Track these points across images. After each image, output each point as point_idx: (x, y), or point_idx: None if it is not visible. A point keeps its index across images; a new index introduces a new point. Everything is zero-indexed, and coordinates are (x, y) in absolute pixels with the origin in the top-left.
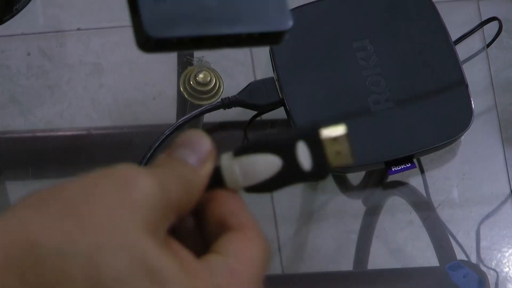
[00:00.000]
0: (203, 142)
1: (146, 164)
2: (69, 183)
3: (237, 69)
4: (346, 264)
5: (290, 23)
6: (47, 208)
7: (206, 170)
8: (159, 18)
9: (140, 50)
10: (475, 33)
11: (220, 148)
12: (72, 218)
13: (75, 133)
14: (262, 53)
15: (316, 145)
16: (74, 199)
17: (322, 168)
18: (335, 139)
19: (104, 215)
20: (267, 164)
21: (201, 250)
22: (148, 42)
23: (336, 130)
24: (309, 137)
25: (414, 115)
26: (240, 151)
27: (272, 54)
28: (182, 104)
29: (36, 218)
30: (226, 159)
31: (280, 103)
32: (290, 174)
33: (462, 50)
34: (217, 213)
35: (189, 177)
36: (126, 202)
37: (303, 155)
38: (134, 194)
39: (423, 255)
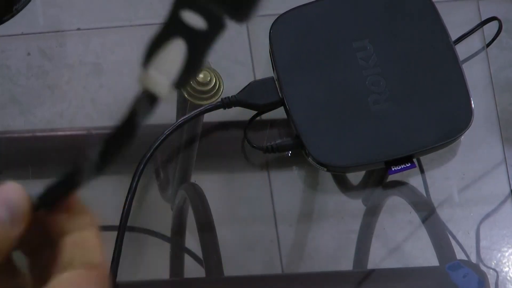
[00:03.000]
0: (17, 199)
1: (145, 164)
2: None
3: (237, 69)
4: (346, 264)
5: None
6: None
7: (18, 231)
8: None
9: None
10: (475, 33)
11: (220, 148)
12: None
13: (75, 133)
14: (262, 53)
15: None
16: None
17: None
18: None
19: None
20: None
21: None
22: None
23: None
24: None
25: (414, 115)
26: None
27: (272, 54)
28: (182, 104)
29: None
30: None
31: (280, 103)
32: None
33: (462, 50)
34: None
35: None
36: None
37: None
38: None
39: (423, 255)
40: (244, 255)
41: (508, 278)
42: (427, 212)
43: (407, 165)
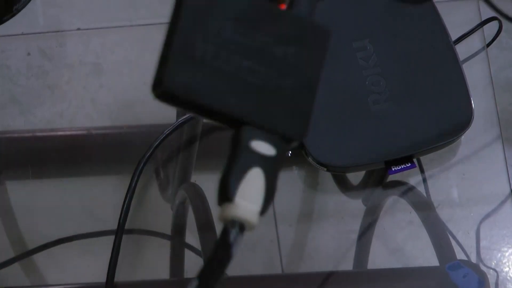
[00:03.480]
0: None
1: (145, 163)
2: None
3: None
4: (346, 264)
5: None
6: None
7: None
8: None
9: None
10: (475, 33)
11: (220, 148)
12: None
13: (75, 133)
14: None
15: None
16: None
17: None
18: None
19: None
20: (254, 179)
21: None
22: (160, 90)
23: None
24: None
25: (414, 114)
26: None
27: None
28: None
29: None
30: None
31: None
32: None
33: (462, 50)
34: None
35: None
36: None
37: (261, 145)
38: None
39: (423, 255)
40: (244, 255)
41: (508, 278)
42: (427, 212)
43: (407, 165)
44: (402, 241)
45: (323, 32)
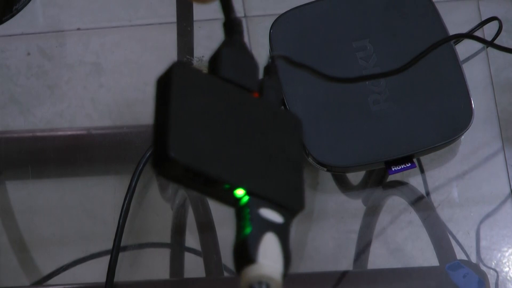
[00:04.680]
0: None
1: (145, 163)
2: None
3: None
4: (346, 264)
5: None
6: None
7: None
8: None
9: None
10: (475, 33)
11: None
12: None
13: (75, 133)
14: (262, 53)
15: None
16: None
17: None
18: None
19: None
20: (273, 241)
21: None
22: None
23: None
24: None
25: (414, 114)
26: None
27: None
28: None
29: None
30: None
31: (280, 103)
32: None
33: (462, 50)
34: None
35: None
36: None
37: (270, 213)
38: None
39: (423, 255)
40: None
41: (508, 278)
42: (427, 212)
43: (407, 165)
44: (402, 241)
45: (295, 120)
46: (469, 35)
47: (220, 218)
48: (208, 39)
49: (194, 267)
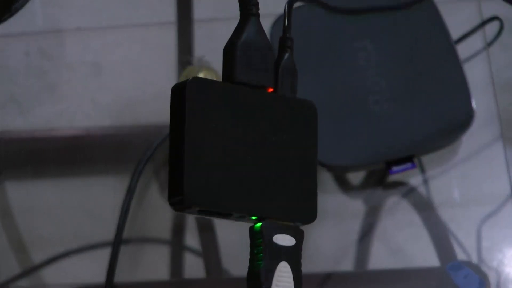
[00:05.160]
0: None
1: (145, 163)
2: None
3: None
4: (346, 264)
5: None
6: None
7: None
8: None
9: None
10: (476, 33)
11: None
12: None
13: (74, 133)
14: None
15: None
16: None
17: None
18: None
19: None
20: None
21: None
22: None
23: None
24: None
25: (415, 114)
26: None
27: None
28: None
29: None
30: None
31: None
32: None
33: (463, 50)
34: None
35: None
36: None
37: (283, 238)
38: None
39: (423, 255)
40: (244, 255)
41: (510, 279)
42: (427, 212)
43: (408, 165)
44: (402, 241)
45: (309, 106)
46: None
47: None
48: (208, 39)
49: (194, 267)
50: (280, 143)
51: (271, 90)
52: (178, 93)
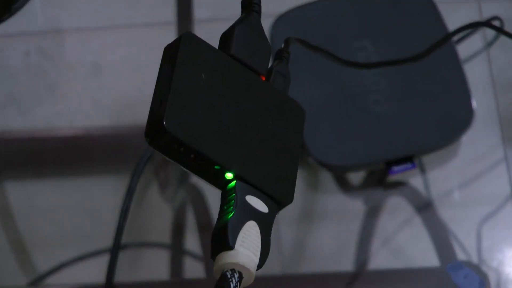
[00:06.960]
0: None
1: (145, 163)
2: None
3: None
4: (346, 264)
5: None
6: None
7: None
8: (182, 119)
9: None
10: (476, 33)
11: None
12: None
13: (74, 133)
14: None
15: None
16: None
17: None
18: None
19: None
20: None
21: None
22: (160, 134)
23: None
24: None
25: (415, 114)
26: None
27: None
28: None
29: None
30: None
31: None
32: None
33: (463, 50)
34: None
35: None
36: None
37: (255, 201)
38: None
39: (424, 255)
40: None
41: (510, 278)
42: (427, 212)
43: (408, 165)
44: (402, 241)
45: (299, 108)
46: (484, 22)
47: None
48: (208, 39)
49: (194, 267)
50: (266, 124)
51: (263, 79)
52: (172, 45)
